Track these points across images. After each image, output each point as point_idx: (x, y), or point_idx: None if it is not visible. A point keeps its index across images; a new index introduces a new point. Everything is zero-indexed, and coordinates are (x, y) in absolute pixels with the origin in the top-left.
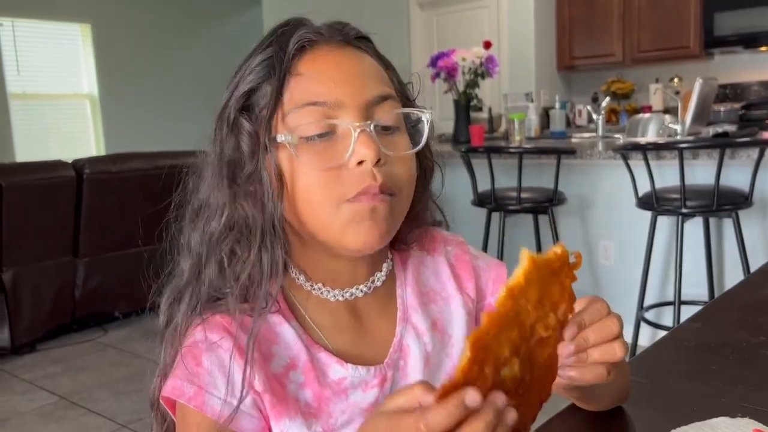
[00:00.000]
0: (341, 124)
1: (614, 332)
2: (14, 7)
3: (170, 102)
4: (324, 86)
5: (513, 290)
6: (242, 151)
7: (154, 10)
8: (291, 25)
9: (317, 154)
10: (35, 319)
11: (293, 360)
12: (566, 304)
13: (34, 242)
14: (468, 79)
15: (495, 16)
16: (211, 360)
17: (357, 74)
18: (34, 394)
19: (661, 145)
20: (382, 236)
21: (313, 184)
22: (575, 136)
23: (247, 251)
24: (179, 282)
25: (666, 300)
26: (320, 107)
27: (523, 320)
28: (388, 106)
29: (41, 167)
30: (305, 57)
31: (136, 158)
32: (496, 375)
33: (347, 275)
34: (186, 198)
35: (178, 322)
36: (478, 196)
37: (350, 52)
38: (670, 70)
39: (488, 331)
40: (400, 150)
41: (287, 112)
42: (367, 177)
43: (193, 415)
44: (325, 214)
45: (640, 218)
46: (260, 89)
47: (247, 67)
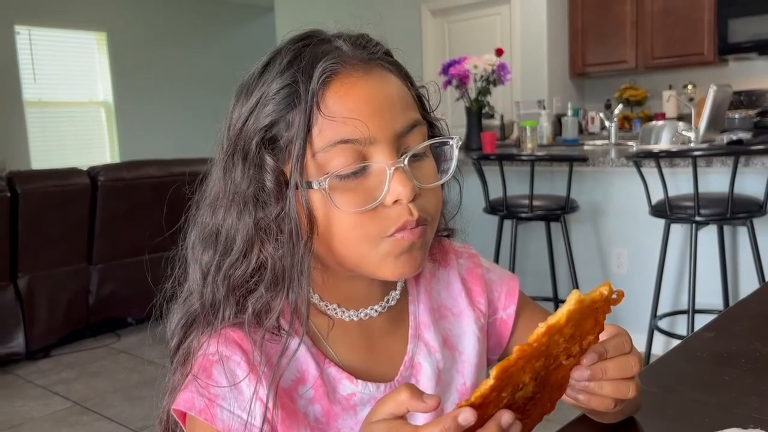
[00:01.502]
0: (374, 164)
1: (632, 372)
2: (31, 16)
3: (184, 109)
4: (355, 123)
5: (552, 328)
6: (266, 190)
7: (169, 18)
8: (311, 42)
9: (351, 192)
10: (50, 324)
11: (302, 374)
12: (594, 335)
13: (49, 249)
14: (480, 87)
15: (507, 23)
16: (221, 373)
17: (386, 105)
18: (48, 399)
19: (674, 153)
20: (418, 266)
21: (349, 225)
22: (588, 143)
23: (272, 290)
24: (191, 306)
25: (680, 309)
26: (352, 144)
27: (551, 351)
28: (417, 133)
29: (56, 174)
30: (331, 88)
31: (149, 165)
32: (511, 396)
33: (363, 296)
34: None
35: (190, 349)
36: (490, 203)
37: (376, 76)
38: (684, 76)
39: (517, 363)
40: (431, 178)
41: (317, 150)
42: (405, 213)
43: (203, 427)
44: (363, 251)
45: (654, 226)
46: (282, 121)
47: (264, 92)
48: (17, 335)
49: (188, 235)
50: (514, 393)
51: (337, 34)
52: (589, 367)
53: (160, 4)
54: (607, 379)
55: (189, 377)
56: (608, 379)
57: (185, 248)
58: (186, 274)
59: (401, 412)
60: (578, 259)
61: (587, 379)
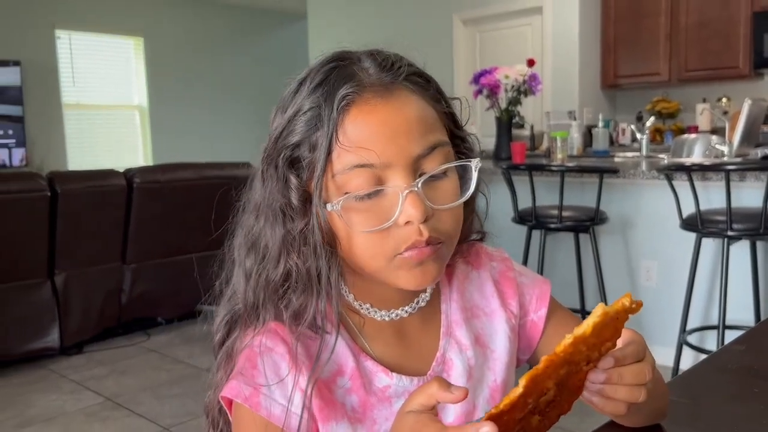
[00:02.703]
0: (389, 188)
1: (646, 379)
2: (72, 21)
3: (216, 114)
4: (371, 148)
5: (578, 339)
6: (292, 206)
7: (203, 25)
8: (338, 65)
9: (366, 213)
10: (84, 321)
11: (341, 367)
12: (612, 342)
13: (85, 247)
14: (510, 97)
15: (539, 33)
16: (266, 364)
17: (403, 130)
18: (81, 394)
19: (707, 167)
20: (434, 278)
21: (363, 242)
22: (618, 155)
23: (303, 296)
24: (236, 305)
25: (710, 324)
26: (368, 169)
27: (574, 359)
28: (438, 154)
29: (94, 176)
30: (350, 114)
31: (184, 168)
32: (535, 402)
33: (394, 298)
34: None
35: (234, 347)
36: (519, 213)
37: (396, 101)
38: (718, 90)
39: (544, 372)
40: (448, 197)
41: (336, 172)
42: (414, 234)
43: (248, 414)
44: (379, 265)
45: (684, 239)
46: (306, 143)
47: (296, 111)
48: (52, 331)
49: (235, 236)
50: (539, 398)
51: (368, 53)
52: (605, 370)
53: (196, 11)
54: (622, 384)
55: (236, 368)
56: (623, 384)
57: (231, 249)
58: (231, 273)
59: (431, 404)
60: (606, 271)
61: (603, 382)
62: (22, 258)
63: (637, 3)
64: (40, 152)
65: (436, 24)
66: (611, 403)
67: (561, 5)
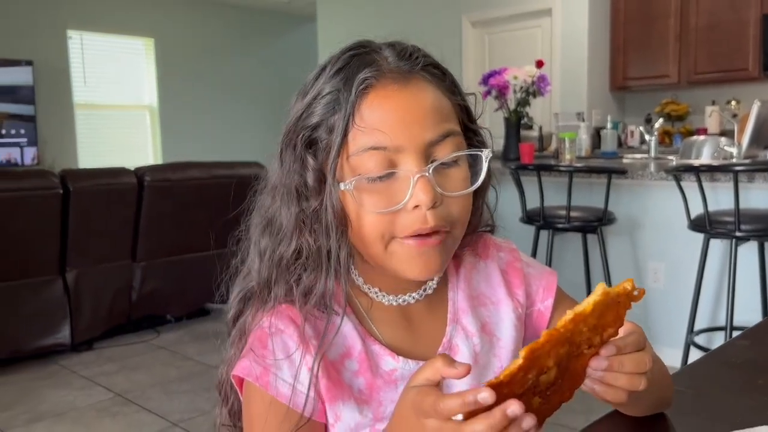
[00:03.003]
0: (400, 171)
1: (646, 367)
2: (84, 22)
3: (226, 114)
4: (385, 131)
5: (578, 316)
6: (308, 185)
7: (214, 27)
8: (359, 52)
9: (377, 194)
10: (94, 318)
11: (349, 349)
12: (614, 328)
13: (96, 245)
14: (519, 98)
15: (548, 35)
16: (276, 344)
17: (418, 117)
18: (91, 390)
19: (715, 168)
20: (438, 268)
21: (370, 223)
22: (626, 156)
23: (314, 274)
24: (250, 282)
25: (717, 325)
26: (382, 151)
27: (575, 339)
28: (450, 143)
29: (106, 174)
30: (368, 98)
31: (194, 167)
32: (535, 380)
33: (404, 284)
34: (254, 201)
35: (246, 325)
36: (527, 213)
37: (412, 88)
38: (728, 92)
39: (544, 346)
40: (458, 185)
41: (351, 153)
42: (418, 221)
43: (258, 392)
44: (378, 249)
45: (692, 240)
46: (324, 125)
47: (316, 94)
48: (63, 327)
49: (252, 216)
50: (539, 375)
51: (388, 43)
52: (607, 358)
53: (206, 13)
54: (623, 372)
55: (247, 347)
56: (624, 372)
57: (248, 228)
58: (247, 252)
59: (436, 379)
60: (614, 272)
61: (604, 370)
62: (35, 255)
63: (646, 5)
64: (52, 151)
65: (446, 25)
66: (612, 390)
67: (570, 7)
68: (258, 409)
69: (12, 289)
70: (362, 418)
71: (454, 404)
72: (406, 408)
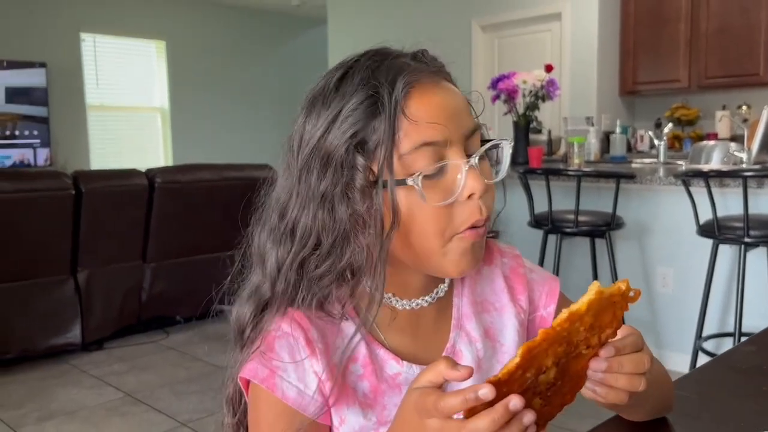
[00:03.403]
0: (453, 162)
1: (644, 368)
2: (97, 24)
3: (236, 117)
4: (435, 127)
5: (573, 315)
6: (356, 187)
7: (224, 29)
8: (385, 58)
9: (433, 189)
10: (104, 318)
11: (354, 353)
12: (612, 329)
13: (107, 245)
14: (528, 102)
15: (557, 39)
16: (282, 347)
17: (457, 111)
18: (101, 389)
19: (724, 173)
20: (476, 264)
21: (428, 218)
22: (636, 161)
23: (343, 281)
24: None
25: (726, 331)
26: (433, 147)
27: (572, 339)
28: (477, 137)
29: (117, 175)
30: (413, 96)
31: (204, 169)
32: (534, 379)
33: (416, 287)
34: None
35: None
36: (535, 217)
37: (444, 86)
38: (738, 97)
39: (541, 345)
40: (490, 177)
41: (403, 152)
42: (476, 212)
43: (264, 394)
44: (435, 245)
45: (701, 246)
46: (368, 127)
47: (344, 105)
48: (74, 327)
49: (258, 235)
50: (538, 375)
51: (400, 51)
52: (606, 359)
53: (217, 16)
54: (622, 372)
55: (255, 350)
56: (623, 373)
57: (253, 247)
58: (250, 270)
59: (439, 381)
60: (623, 277)
61: (604, 371)
62: (47, 255)
63: (656, 9)
64: (64, 152)
65: (455, 29)
66: (613, 392)
67: (580, 11)
68: (264, 410)
69: (24, 288)
70: (366, 421)
71: (455, 402)
72: (409, 410)
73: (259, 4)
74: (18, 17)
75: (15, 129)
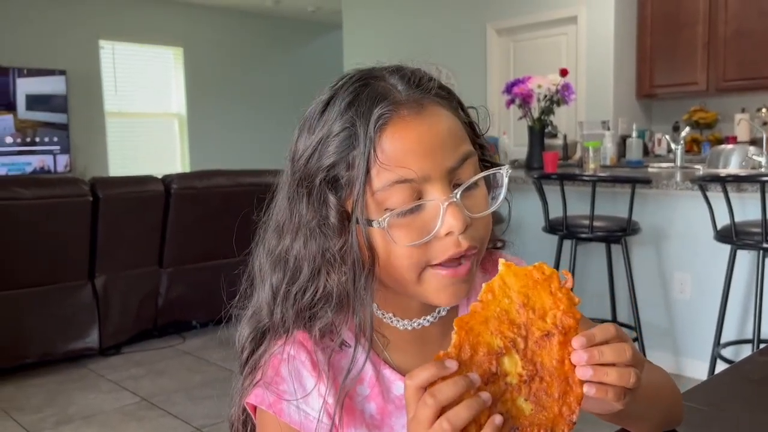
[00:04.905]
0: (429, 201)
1: (627, 356)
2: (115, 32)
3: (253, 122)
4: (410, 164)
5: (490, 285)
6: (330, 224)
7: (241, 35)
8: (367, 83)
9: (407, 228)
10: (122, 323)
11: (361, 375)
12: (560, 311)
13: (125, 251)
14: (543, 106)
15: (573, 43)
16: (288, 371)
17: (438, 144)
18: (118, 393)
19: (741, 178)
20: (464, 295)
21: (402, 254)
22: (653, 165)
23: (336, 313)
24: (260, 322)
25: (745, 338)
26: (408, 183)
27: (513, 318)
28: (469, 165)
29: (134, 181)
30: (387, 131)
31: (220, 175)
32: (491, 363)
33: (416, 308)
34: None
35: (260, 359)
36: (550, 222)
37: (428, 115)
38: (758, 100)
39: (473, 316)
40: (481, 206)
41: (376, 189)
42: (452, 247)
43: (271, 420)
44: (409, 277)
45: (719, 251)
46: (343, 162)
47: (326, 133)
48: (92, 332)
49: (257, 253)
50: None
51: (390, 70)
52: (586, 349)
53: (233, 23)
54: (606, 363)
55: (259, 374)
56: (606, 363)
57: (254, 265)
58: (253, 288)
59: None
60: (638, 283)
61: (587, 362)
62: (65, 260)
63: (674, 12)
64: (83, 159)
65: (470, 34)
66: (603, 389)
67: (596, 15)
68: None
69: (42, 293)
70: None
71: (428, 374)
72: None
73: (274, 10)
74: (38, 26)
75: (35, 136)
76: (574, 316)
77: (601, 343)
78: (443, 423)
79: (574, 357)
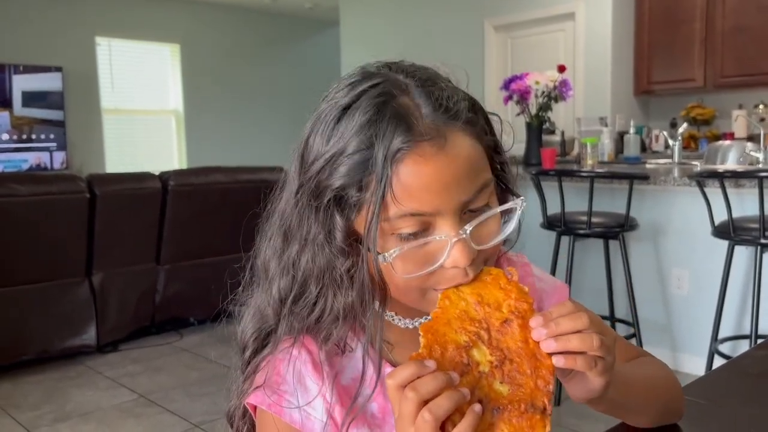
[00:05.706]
0: (437, 238)
1: (584, 323)
2: (112, 29)
3: (250, 119)
4: (424, 198)
5: (446, 293)
6: (336, 245)
7: (238, 31)
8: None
9: (413, 257)
10: (119, 320)
11: (362, 373)
12: (513, 299)
13: (122, 248)
14: (541, 102)
15: (571, 39)
16: (289, 371)
17: (455, 180)
18: (116, 390)
19: (739, 173)
20: None
21: (405, 281)
22: (650, 161)
23: (342, 326)
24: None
25: (742, 333)
26: (419, 216)
27: (472, 316)
28: (484, 194)
29: (131, 178)
30: (405, 163)
31: (217, 172)
32: (462, 356)
33: (420, 310)
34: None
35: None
36: (548, 219)
37: (450, 148)
38: (755, 96)
39: (435, 321)
40: (492, 233)
41: (385, 218)
42: (459, 276)
43: (272, 419)
44: (413, 298)
45: (716, 247)
46: (353, 185)
47: (341, 148)
48: (90, 329)
49: (261, 251)
50: (463, 352)
51: (418, 83)
52: (543, 325)
53: (230, 19)
54: (565, 332)
55: (261, 374)
56: (566, 332)
57: (257, 260)
58: (255, 283)
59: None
60: (636, 279)
61: (548, 336)
62: (62, 257)
63: (671, 9)
64: (80, 155)
65: (468, 30)
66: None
67: (594, 11)
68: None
69: (40, 290)
70: None
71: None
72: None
73: (272, 6)
74: (34, 22)
75: (32, 133)
76: (527, 301)
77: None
78: (425, 414)
79: (534, 334)
